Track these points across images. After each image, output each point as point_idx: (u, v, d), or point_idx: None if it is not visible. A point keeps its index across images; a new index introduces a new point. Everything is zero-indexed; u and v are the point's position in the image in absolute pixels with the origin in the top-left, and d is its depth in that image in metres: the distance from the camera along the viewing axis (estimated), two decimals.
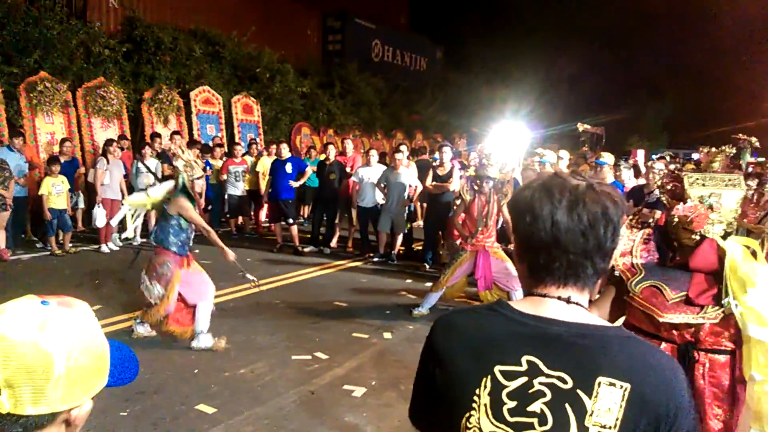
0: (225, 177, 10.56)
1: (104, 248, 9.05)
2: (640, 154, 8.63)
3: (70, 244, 8.94)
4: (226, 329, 5.64)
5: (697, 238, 2.34)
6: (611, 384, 1.10)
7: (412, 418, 1.35)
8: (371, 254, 9.59)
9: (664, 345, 2.30)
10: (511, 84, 22.15)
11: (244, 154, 11.01)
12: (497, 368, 1.16)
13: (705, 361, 2.26)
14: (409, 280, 8.25)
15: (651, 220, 3.20)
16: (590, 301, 2.44)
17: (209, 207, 10.37)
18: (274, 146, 10.82)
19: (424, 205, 9.91)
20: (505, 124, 13.93)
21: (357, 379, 4.79)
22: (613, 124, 24.70)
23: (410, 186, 9.40)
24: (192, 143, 10.38)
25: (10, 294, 4.44)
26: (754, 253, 2.26)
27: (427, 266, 8.90)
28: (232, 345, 5.33)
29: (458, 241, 6.80)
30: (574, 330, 1.16)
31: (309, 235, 10.25)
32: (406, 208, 9.49)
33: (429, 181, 9.35)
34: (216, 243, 5.30)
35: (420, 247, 9.89)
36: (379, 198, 9.47)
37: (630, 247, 2.60)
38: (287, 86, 15.48)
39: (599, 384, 1.10)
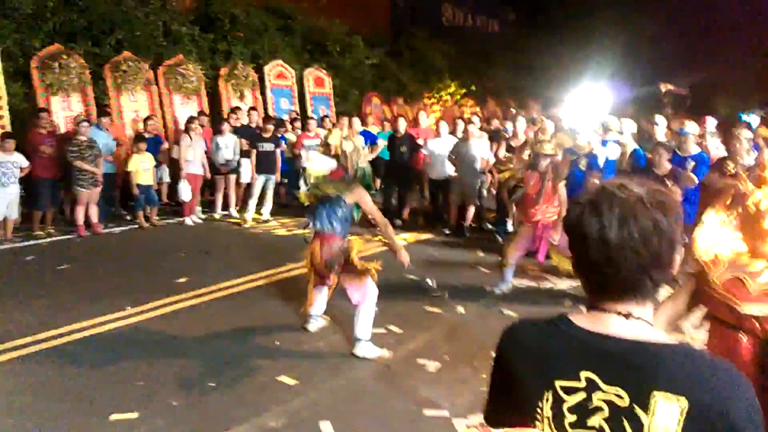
0: (299, 151, 10.75)
1: (188, 221, 9.49)
2: (710, 121, 8.12)
3: (157, 218, 9.43)
4: (299, 303, 5.84)
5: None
6: (668, 399, 1.10)
7: (486, 421, 1.40)
8: (443, 227, 9.61)
9: (744, 337, 2.24)
10: (590, 45, 21.20)
11: (318, 127, 11.17)
12: (558, 383, 1.19)
13: None
14: (481, 253, 8.23)
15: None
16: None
17: (285, 180, 10.63)
18: (345, 119, 10.93)
19: (496, 175, 9.79)
20: (584, 88, 13.50)
21: (431, 353, 4.88)
22: (699, 82, 23.34)
23: (482, 158, 9.29)
24: (267, 118, 10.63)
25: (104, 265, 4.84)
26: None
27: (500, 239, 8.83)
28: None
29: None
30: (632, 347, 1.16)
31: (381, 208, 10.35)
32: (478, 180, 9.40)
33: (502, 152, 9.23)
34: (391, 239, 4.88)
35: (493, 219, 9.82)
36: (450, 170, 9.42)
37: (715, 237, 2.53)
38: (357, 58, 15.49)
39: (656, 400, 1.11)
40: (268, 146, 9.69)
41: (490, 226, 9.64)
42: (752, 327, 2.23)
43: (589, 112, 10.72)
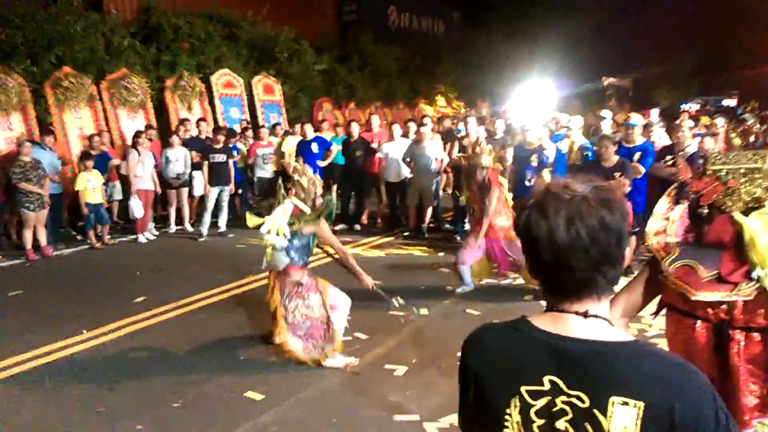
0: (252, 160, 10.64)
1: (141, 238, 9.27)
2: (654, 112, 8.42)
3: (109, 236, 9.17)
4: (263, 315, 5.77)
5: (705, 212, 2.37)
6: (624, 403, 1.13)
7: (462, 429, 1.41)
8: (402, 229, 9.65)
9: (699, 323, 2.32)
10: (534, 42, 21.66)
11: (270, 135, 11.07)
12: (523, 388, 1.21)
13: (740, 338, 2.27)
14: (441, 253, 8.29)
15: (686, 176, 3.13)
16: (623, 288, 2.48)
17: (239, 192, 10.49)
18: (298, 125, 10.87)
19: (451, 175, 9.89)
20: (530, 84, 13.77)
21: (398, 357, 4.89)
22: (639, 75, 24.10)
23: (436, 159, 9.37)
24: (217, 129, 10.47)
25: (57, 288, 4.70)
26: None
27: (458, 238, 8.92)
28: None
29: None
30: (590, 347, 1.18)
31: (338, 212, 10.32)
32: (434, 181, 9.48)
33: (456, 152, 9.34)
34: (353, 268, 4.80)
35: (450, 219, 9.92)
36: (406, 172, 9.47)
37: (665, 226, 2.60)
38: (305, 64, 15.42)
39: (612, 403, 1.13)
40: (219, 157, 9.54)
41: (448, 226, 9.73)
42: (705, 314, 2.31)
43: (536, 108, 10.93)
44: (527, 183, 7.40)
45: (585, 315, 1.22)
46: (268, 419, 3.98)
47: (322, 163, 9.82)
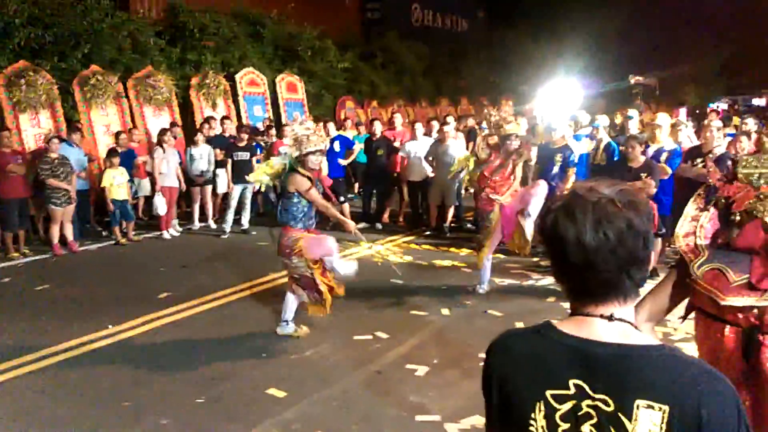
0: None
1: (165, 235, 9.37)
2: (682, 112, 8.30)
3: (134, 233, 9.29)
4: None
5: (738, 218, 2.32)
6: (649, 407, 1.13)
7: None
8: (423, 228, 9.63)
9: (728, 328, 2.28)
10: (560, 40, 21.43)
11: None
12: (548, 392, 1.21)
13: None
14: (463, 252, 8.26)
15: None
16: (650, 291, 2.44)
17: (262, 189, 10.55)
18: (321, 124, 10.89)
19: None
20: (555, 83, 13.61)
21: (419, 357, 4.88)
22: (666, 75, 23.72)
23: (458, 158, 9.31)
24: (241, 127, 10.54)
25: (83, 283, 4.76)
26: None
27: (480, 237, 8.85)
28: (299, 324, 5.46)
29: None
30: (616, 351, 1.18)
31: (360, 211, 10.34)
32: (456, 180, 9.43)
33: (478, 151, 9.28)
34: (334, 216, 5.44)
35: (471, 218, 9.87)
36: (429, 171, 9.45)
37: (694, 227, 2.56)
38: (329, 62, 15.46)
39: (638, 407, 1.13)
40: (243, 155, 9.61)
41: (470, 226, 9.68)
42: (735, 318, 2.27)
43: (562, 107, 10.80)
44: (552, 183, 7.32)
45: (610, 318, 1.22)
46: (290, 416, 4.00)
47: (343, 162, 9.85)
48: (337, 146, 9.86)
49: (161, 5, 13.79)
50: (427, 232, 9.46)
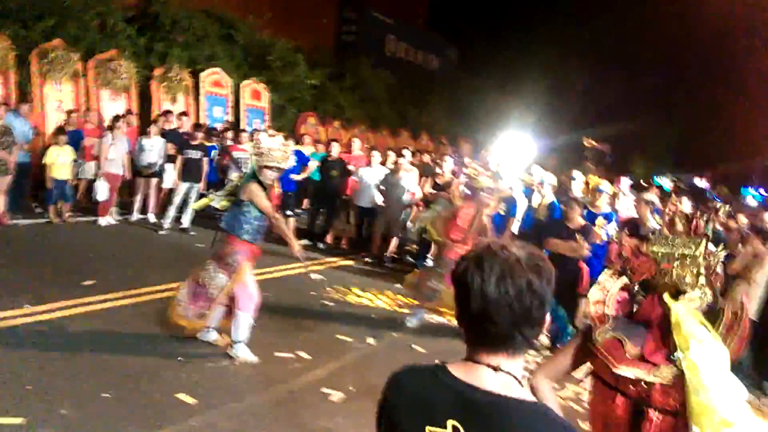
0: (227, 162, 10.60)
1: (101, 221, 9.13)
2: (624, 181, 8.71)
3: (69, 214, 9.02)
4: None
5: (637, 289, 2.46)
6: None
7: None
8: (364, 254, 9.69)
9: (619, 397, 2.38)
10: (520, 93, 22.14)
11: (249, 141, 11.07)
12: (428, 428, 1.30)
13: (655, 419, 2.33)
14: (398, 285, 8.33)
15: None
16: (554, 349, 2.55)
17: (211, 191, 10.42)
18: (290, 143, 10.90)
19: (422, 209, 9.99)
20: (511, 134, 13.99)
21: (336, 382, 4.89)
22: (618, 141, 24.72)
23: (409, 191, 9.48)
24: (198, 125, 10.44)
25: (6, 257, 4.62)
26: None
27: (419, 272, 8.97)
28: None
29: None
30: (493, 400, 1.28)
31: (306, 229, 10.33)
32: (404, 212, 9.57)
33: (427, 188, 9.46)
34: (283, 231, 5.25)
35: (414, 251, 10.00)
36: (379, 199, 9.56)
37: (605, 297, 2.69)
38: (297, 76, 15.53)
39: None
40: (195, 153, 9.50)
41: (410, 259, 9.80)
42: (626, 389, 2.37)
43: (515, 158, 11.14)
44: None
45: (496, 369, 1.31)
46: (195, 424, 3.94)
47: (297, 177, 9.85)
48: (292, 161, 9.86)
49: None
50: (368, 259, 9.52)
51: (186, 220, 9.61)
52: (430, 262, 9.01)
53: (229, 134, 11.23)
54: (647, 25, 27.35)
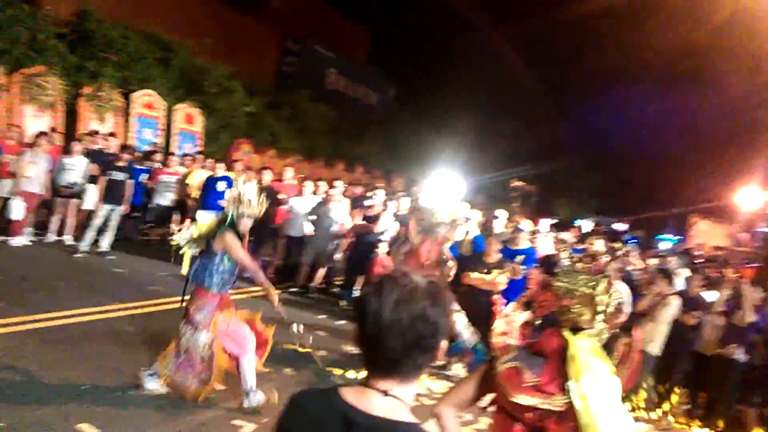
0: (155, 185, 10.38)
1: (14, 241, 8.69)
2: (543, 222, 9.13)
3: None
4: (129, 343, 5.54)
5: (540, 323, 2.58)
6: None
7: None
8: (291, 284, 9.60)
9: (517, 426, 2.46)
10: (453, 132, 22.80)
11: (179, 164, 10.88)
12: None
13: None
14: (323, 316, 8.30)
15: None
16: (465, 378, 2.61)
17: (132, 214, 10.15)
18: (211, 161, 10.78)
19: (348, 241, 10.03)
20: (442, 171, 14.34)
21: (249, 414, 4.79)
22: (544, 184, 25.75)
23: (338, 222, 9.51)
24: (124, 147, 10.19)
25: None
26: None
27: (343, 303, 8.97)
28: (127, 361, 5.22)
29: None
30: (374, 423, 1.32)
31: None
32: (333, 243, 9.58)
33: (357, 220, 9.52)
34: (262, 282, 4.86)
35: (340, 284, 9.98)
36: (308, 229, 9.54)
37: (510, 328, 2.78)
38: (233, 103, 15.45)
39: None
40: (119, 175, 9.23)
41: (336, 290, 9.78)
42: (523, 417, 2.46)
43: (445, 195, 11.39)
44: None
45: (385, 393, 1.35)
46: None
47: (224, 203, 9.70)
48: (221, 186, 9.74)
49: (72, 8, 13.29)
50: (294, 289, 9.43)
51: (105, 244, 9.27)
52: (357, 294, 9.03)
53: (157, 156, 11.00)
54: (575, 75, 28.90)
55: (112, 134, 11.15)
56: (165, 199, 10.43)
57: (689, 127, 27.74)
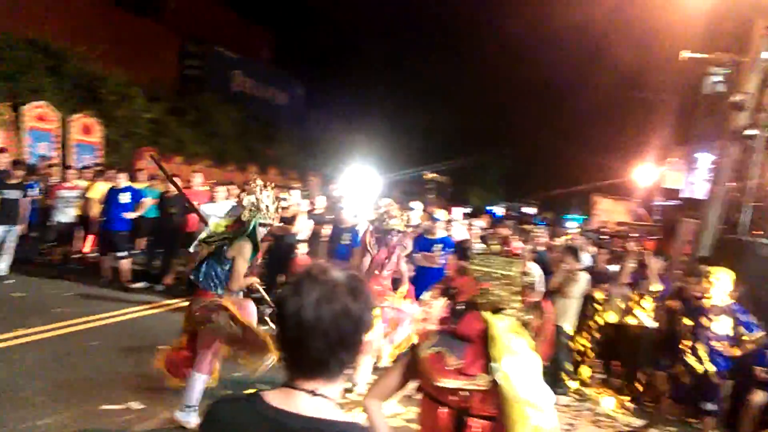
0: (53, 202, 9.76)
1: None
2: (456, 210, 9.39)
3: None
4: (33, 372, 5.19)
5: (462, 307, 2.62)
6: None
7: None
8: None
9: (443, 409, 2.49)
10: (366, 129, 22.93)
11: (78, 178, 10.28)
12: None
13: (474, 426, 2.47)
14: None
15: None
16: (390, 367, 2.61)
17: (31, 233, 9.51)
18: (113, 172, 10.25)
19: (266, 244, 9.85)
20: (357, 168, 14.39)
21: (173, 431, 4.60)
22: (458, 174, 26.40)
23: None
24: (16, 163, 9.51)
25: None
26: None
27: (267, 311, 8.78)
28: (36, 390, 4.89)
29: None
30: (306, 425, 1.27)
31: (143, 269, 9.73)
32: None
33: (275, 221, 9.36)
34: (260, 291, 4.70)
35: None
36: None
37: (430, 315, 2.81)
38: (134, 110, 14.81)
39: None
40: (12, 193, 8.60)
41: (257, 295, 9.55)
42: (448, 400, 2.49)
43: (360, 191, 11.40)
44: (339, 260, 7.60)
45: (312, 393, 1.30)
46: None
47: (130, 215, 9.27)
48: (125, 197, 9.28)
49: None
50: None
51: (2, 267, 8.64)
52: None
53: (54, 169, 10.36)
54: (478, 71, 29.83)
55: (2, 150, 10.36)
56: (66, 215, 9.82)
57: (588, 108, 29.25)
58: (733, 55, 8.07)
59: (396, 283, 6.54)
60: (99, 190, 9.87)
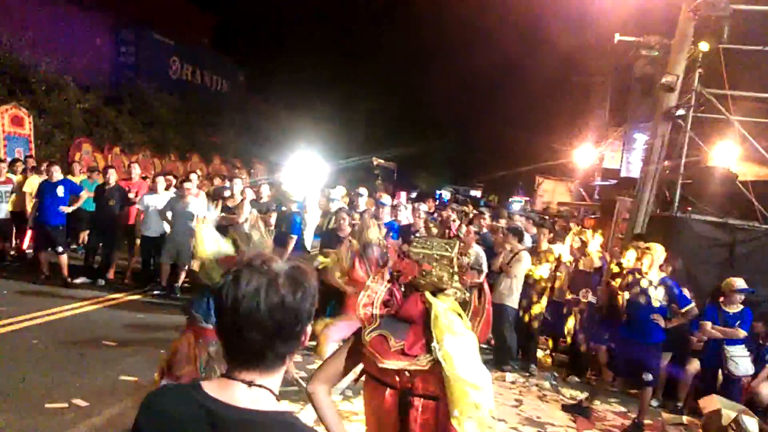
0: None
1: None
2: (403, 195, 9.49)
3: None
4: None
5: (403, 290, 2.68)
6: None
7: None
8: (152, 286, 9.10)
9: (387, 390, 2.53)
10: (310, 114, 22.73)
11: (8, 172, 9.84)
12: None
13: (418, 405, 2.53)
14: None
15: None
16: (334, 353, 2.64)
17: None
18: (45, 164, 9.87)
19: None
20: (302, 155, 14.29)
21: (120, 427, 4.52)
22: (405, 159, 26.55)
23: (198, 216, 9.12)
24: None
25: None
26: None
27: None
28: None
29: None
30: (241, 416, 1.28)
31: (83, 264, 9.43)
32: (193, 239, 9.19)
33: (218, 212, 9.21)
34: None
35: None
36: (166, 227, 9.07)
37: (373, 299, 2.84)
38: (66, 100, 14.22)
39: None
40: None
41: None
42: (392, 381, 2.54)
43: (306, 177, 11.35)
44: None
45: (249, 384, 1.30)
46: None
47: (66, 209, 8.95)
48: (60, 191, 8.94)
49: None
50: (156, 292, 8.96)
51: None
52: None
53: None
54: (419, 57, 29.94)
55: None
56: None
57: (528, 91, 29.82)
58: (661, 38, 8.37)
59: None
60: (33, 184, 9.50)
